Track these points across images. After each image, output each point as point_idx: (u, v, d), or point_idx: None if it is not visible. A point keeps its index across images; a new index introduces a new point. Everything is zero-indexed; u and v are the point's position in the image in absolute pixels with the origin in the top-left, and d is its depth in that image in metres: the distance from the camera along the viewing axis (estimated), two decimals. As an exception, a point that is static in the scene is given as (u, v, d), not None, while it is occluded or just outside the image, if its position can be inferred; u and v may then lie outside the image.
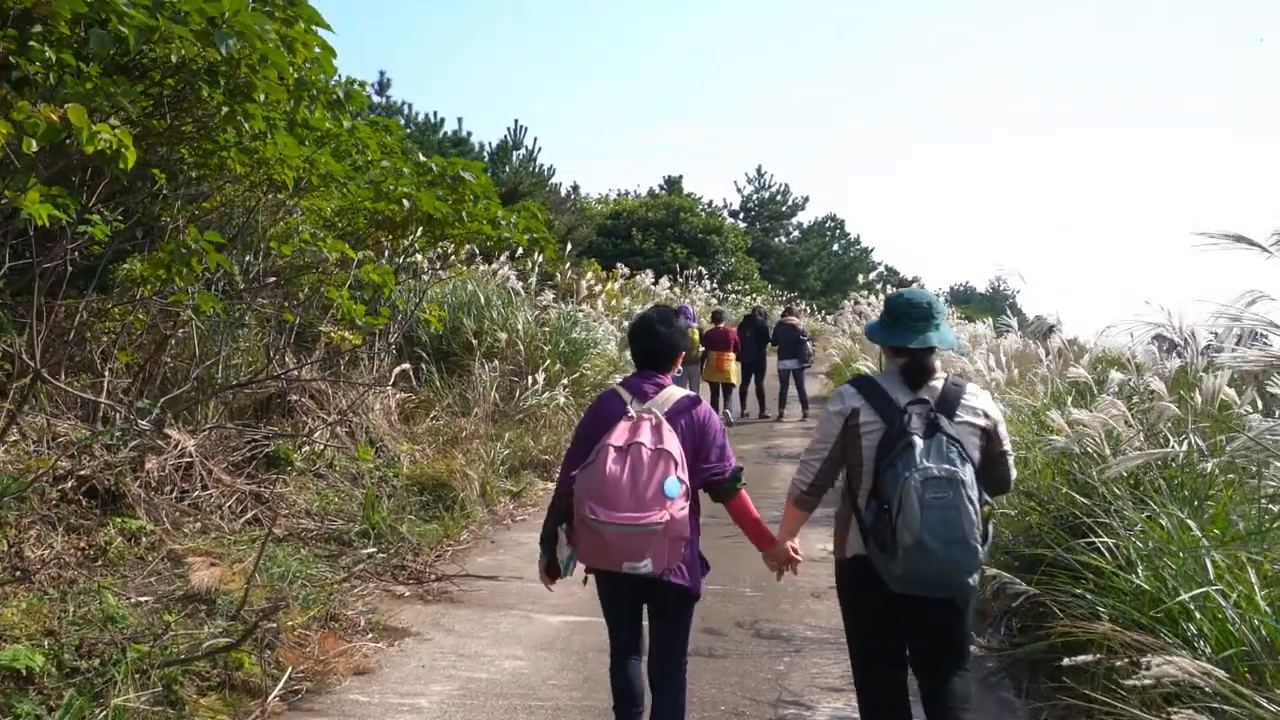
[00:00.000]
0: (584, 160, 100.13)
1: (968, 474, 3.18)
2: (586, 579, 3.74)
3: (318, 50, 5.83)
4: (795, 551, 3.70)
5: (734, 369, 14.85)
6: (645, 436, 3.44)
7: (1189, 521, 4.08)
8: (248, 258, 9.25)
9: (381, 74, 29.73)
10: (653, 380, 3.71)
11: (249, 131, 6.08)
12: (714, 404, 14.83)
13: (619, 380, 3.92)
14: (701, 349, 14.40)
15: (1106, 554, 4.27)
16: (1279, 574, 3.44)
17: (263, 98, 5.37)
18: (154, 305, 7.29)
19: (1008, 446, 3.50)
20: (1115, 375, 5.78)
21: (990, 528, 3.35)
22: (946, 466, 3.16)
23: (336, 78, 7.76)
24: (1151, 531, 4.25)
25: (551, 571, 3.77)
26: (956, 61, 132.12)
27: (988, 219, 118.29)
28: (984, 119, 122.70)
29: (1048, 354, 6.81)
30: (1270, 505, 4.16)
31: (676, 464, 3.42)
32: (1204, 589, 3.51)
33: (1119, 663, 3.33)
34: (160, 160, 7.16)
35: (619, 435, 3.46)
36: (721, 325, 14.96)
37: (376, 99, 27.00)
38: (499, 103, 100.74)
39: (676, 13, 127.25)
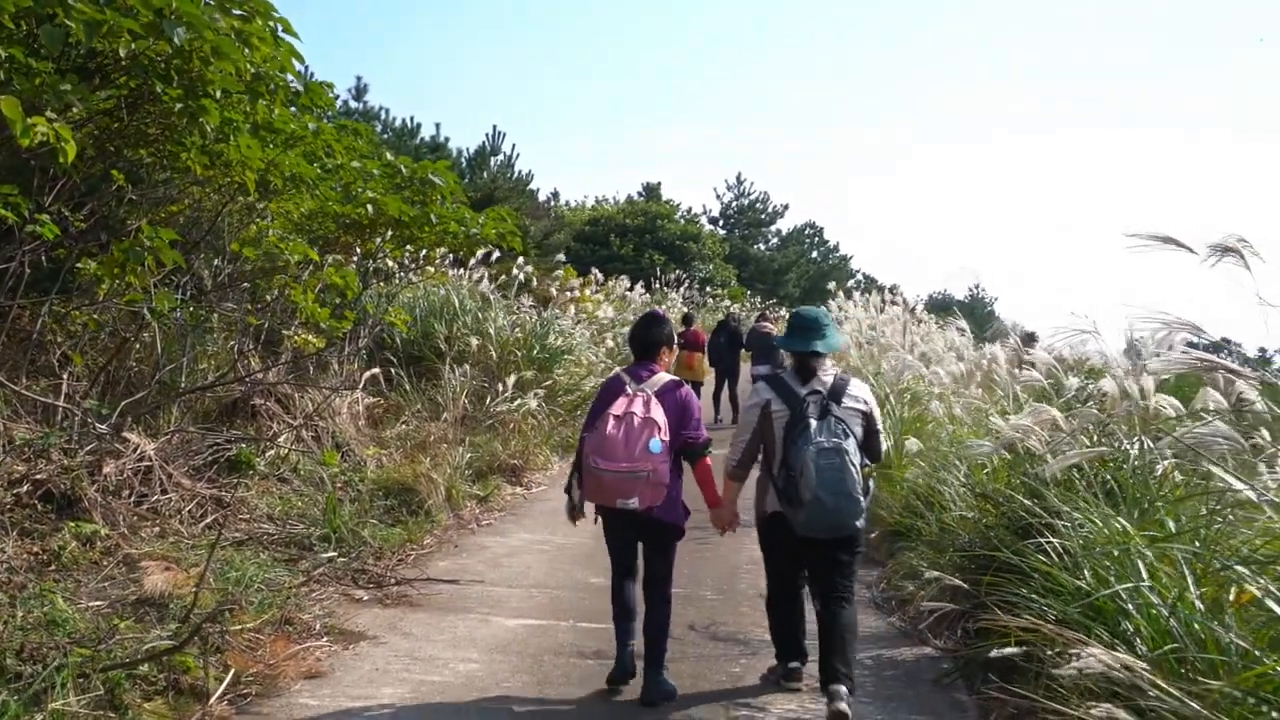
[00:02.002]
0: (565, 167, 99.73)
1: (850, 445, 4.36)
2: (598, 519, 4.81)
3: (280, 48, 5.81)
4: (736, 515, 4.90)
5: (703, 367, 15.97)
6: (638, 408, 4.52)
7: (1122, 521, 4.11)
8: (215, 261, 9.21)
9: (358, 79, 29.73)
10: (647, 368, 4.80)
11: (210, 133, 6.04)
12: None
13: (622, 369, 4.92)
14: None
15: (1054, 555, 4.30)
16: (1215, 573, 3.46)
17: (219, 93, 5.33)
18: (116, 308, 7.25)
19: (880, 426, 4.74)
20: (1072, 381, 5.83)
21: (870, 484, 4.64)
22: (835, 440, 4.34)
23: (306, 78, 7.78)
24: (1095, 532, 4.28)
25: (572, 514, 4.90)
26: (956, 62, 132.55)
27: (989, 219, 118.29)
28: (984, 119, 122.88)
29: (1008, 360, 6.85)
30: (1220, 506, 4.19)
31: (660, 429, 4.49)
32: (1133, 585, 3.55)
33: (1052, 660, 3.35)
34: (125, 163, 7.12)
35: (618, 407, 4.55)
36: (692, 327, 16.07)
37: (353, 104, 26.96)
38: (478, 108, 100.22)
39: (663, 15, 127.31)
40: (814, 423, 4.36)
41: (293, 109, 7.30)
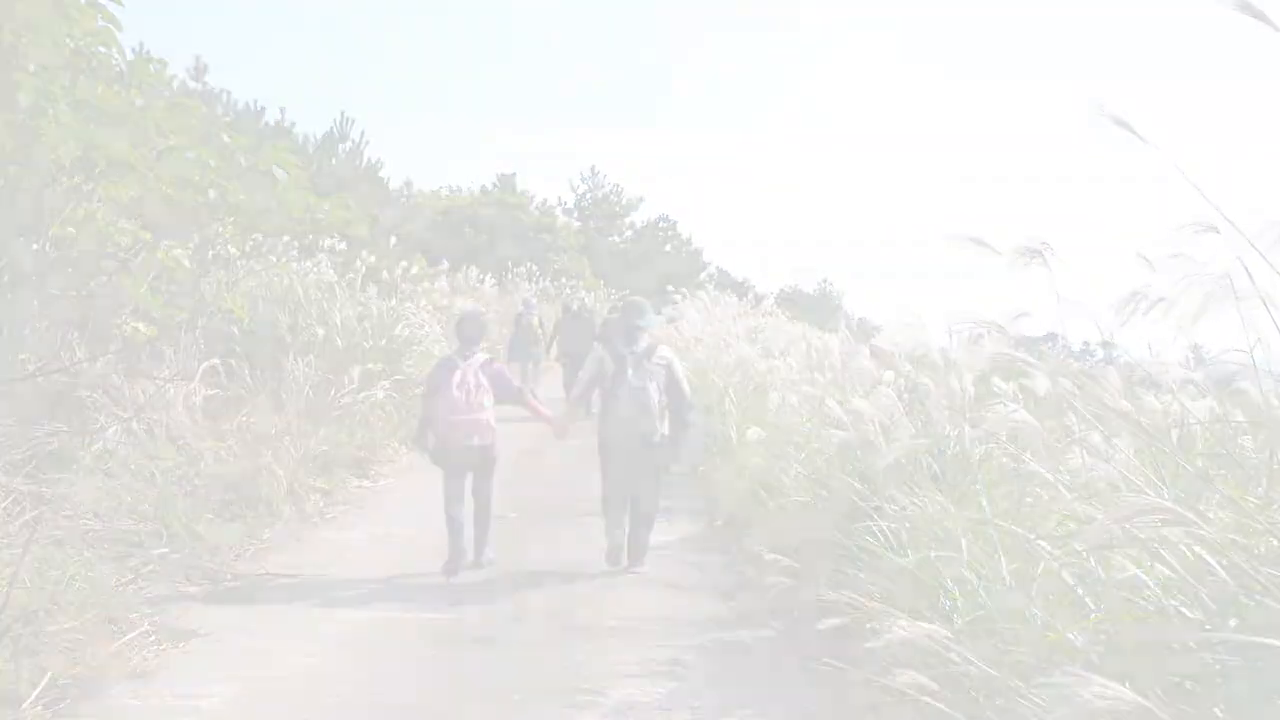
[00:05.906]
0: (419, 156, 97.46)
1: (651, 386, 6.62)
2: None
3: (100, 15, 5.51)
4: (567, 426, 7.16)
5: None
6: (471, 379, 6.61)
7: (943, 502, 4.33)
8: (36, 246, 8.69)
9: (198, 58, 28.25)
10: (471, 351, 6.84)
11: (25, 106, 5.68)
12: (568, 381, 16.20)
13: (453, 353, 6.93)
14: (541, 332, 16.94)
15: (881, 536, 4.49)
16: (1022, 548, 3.69)
17: (32, 68, 5.01)
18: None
19: (680, 376, 6.86)
20: (888, 375, 6.14)
21: (672, 414, 6.71)
22: (642, 381, 6.61)
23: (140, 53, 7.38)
24: (918, 513, 4.49)
25: (422, 443, 6.95)
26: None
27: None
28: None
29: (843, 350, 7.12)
30: (1029, 487, 4.45)
31: (486, 390, 6.66)
32: (951, 561, 3.76)
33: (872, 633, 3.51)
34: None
35: (458, 378, 6.59)
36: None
37: (192, 84, 25.80)
38: (327, 93, 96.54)
39: (516, 9, 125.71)
40: (630, 370, 6.62)
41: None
